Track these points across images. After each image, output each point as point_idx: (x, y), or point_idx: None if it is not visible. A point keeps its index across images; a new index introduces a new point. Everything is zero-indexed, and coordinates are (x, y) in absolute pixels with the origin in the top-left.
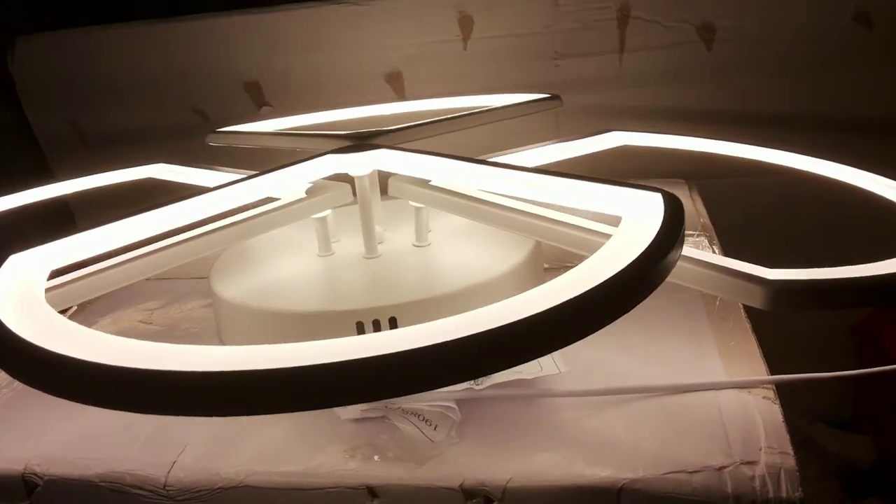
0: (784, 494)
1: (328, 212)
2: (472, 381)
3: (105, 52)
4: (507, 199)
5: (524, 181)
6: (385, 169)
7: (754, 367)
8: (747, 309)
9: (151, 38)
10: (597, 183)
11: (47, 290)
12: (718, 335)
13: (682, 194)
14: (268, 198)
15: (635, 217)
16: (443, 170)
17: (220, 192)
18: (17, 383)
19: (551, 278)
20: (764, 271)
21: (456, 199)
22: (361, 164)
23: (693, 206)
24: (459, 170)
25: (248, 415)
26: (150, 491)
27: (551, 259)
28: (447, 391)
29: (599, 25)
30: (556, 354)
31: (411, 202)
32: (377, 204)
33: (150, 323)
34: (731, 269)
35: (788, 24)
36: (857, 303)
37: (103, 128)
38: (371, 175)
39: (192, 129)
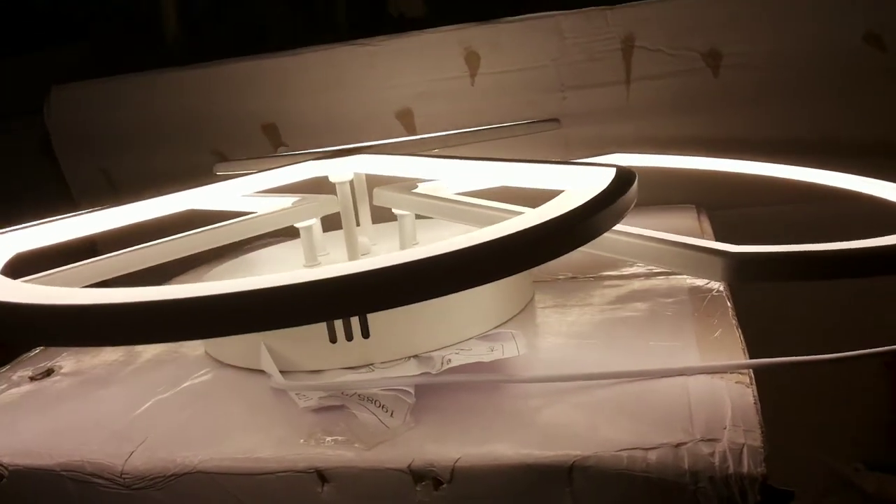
0: (745, 470)
1: (314, 221)
2: (428, 368)
3: (131, 99)
4: (489, 201)
5: (485, 170)
6: (365, 172)
7: (733, 356)
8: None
9: (173, 84)
10: (554, 164)
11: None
12: (700, 329)
13: (690, 217)
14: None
15: (579, 188)
16: (422, 170)
17: (197, 194)
18: None
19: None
20: (725, 246)
21: (438, 202)
22: (341, 168)
23: (699, 227)
24: (438, 168)
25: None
26: (108, 479)
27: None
28: (403, 377)
29: (605, 56)
30: (519, 337)
31: (394, 210)
32: (364, 213)
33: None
34: (690, 244)
35: (796, 48)
36: (818, 275)
37: (130, 172)
38: (354, 182)
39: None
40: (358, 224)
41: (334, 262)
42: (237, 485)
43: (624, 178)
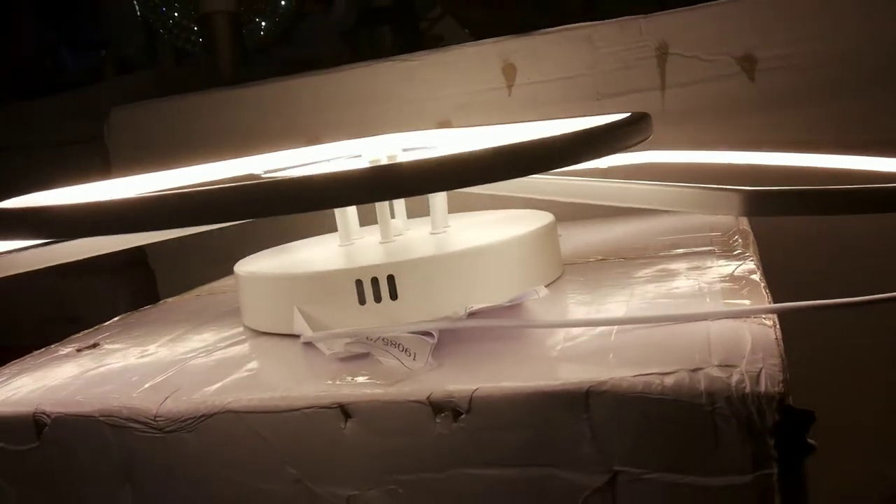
0: (763, 389)
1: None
2: (449, 313)
3: (184, 117)
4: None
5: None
6: (401, 151)
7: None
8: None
9: (224, 102)
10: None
11: None
12: (725, 286)
13: (728, 219)
14: None
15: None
16: (456, 146)
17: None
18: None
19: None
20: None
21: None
22: (375, 147)
23: (735, 220)
24: (474, 143)
25: None
26: (143, 423)
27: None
28: (425, 322)
29: (639, 64)
30: (542, 290)
31: None
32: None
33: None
34: (708, 186)
35: (832, 48)
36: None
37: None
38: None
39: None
40: (393, 216)
41: (367, 242)
42: (264, 423)
43: (640, 115)
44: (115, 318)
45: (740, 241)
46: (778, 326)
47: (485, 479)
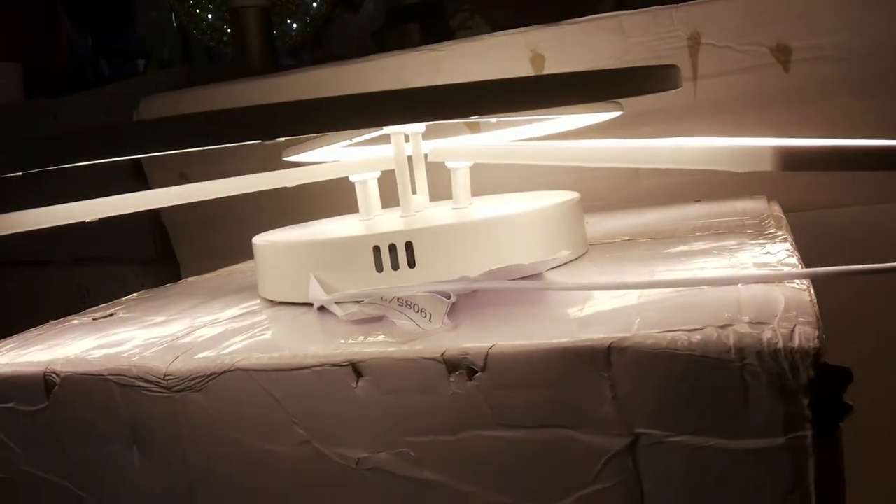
0: (796, 344)
1: (371, 175)
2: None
3: (211, 106)
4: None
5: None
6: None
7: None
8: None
9: (250, 92)
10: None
11: None
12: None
13: (760, 205)
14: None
15: None
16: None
17: None
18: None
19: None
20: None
21: (495, 148)
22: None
23: (767, 207)
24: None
25: None
26: (152, 382)
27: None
28: (442, 282)
29: (670, 54)
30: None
31: (448, 164)
32: (420, 178)
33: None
34: (738, 144)
35: (868, 38)
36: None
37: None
38: (409, 136)
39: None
40: (414, 192)
41: (387, 216)
42: (273, 381)
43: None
44: (134, 295)
45: (773, 223)
46: (812, 291)
47: (499, 441)
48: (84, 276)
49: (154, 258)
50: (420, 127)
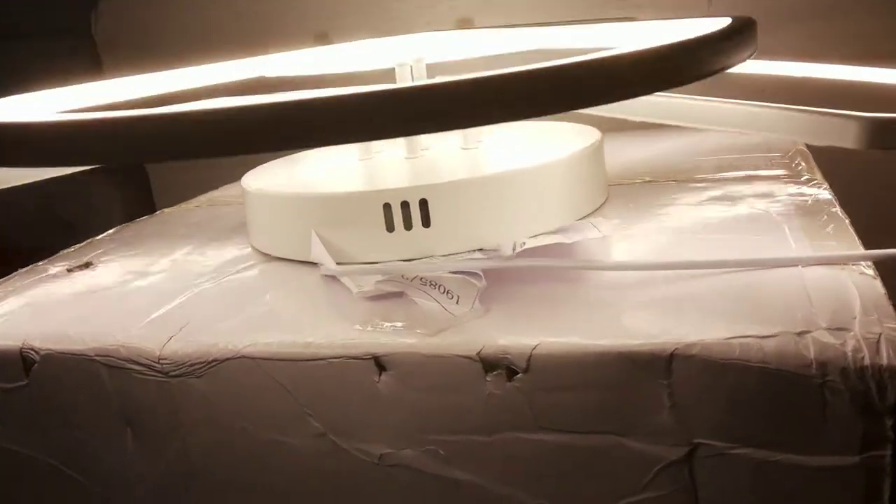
0: (885, 361)
1: None
2: (498, 249)
3: (180, 8)
4: None
5: (573, 35)
6: (429, 55)
7: (847, 244)
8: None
9: None
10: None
11: None
12: (809, 225)
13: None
14: None
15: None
16: (488, 46)
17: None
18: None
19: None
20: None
21: None
22: (401, 49)
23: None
24: (506, 41)
25: None
26: (145, 365)
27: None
28: (471, 260)
29: None
30: (601, 225)
31: None
32: None
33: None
34: (821, 111)
35: None
36: None
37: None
38: (414, 66)
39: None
40: None
41: (389, 155)
42: (284, 372)
43: (743, 20)
44: (110, 231)
45: (804, 164)
46: (878, 276)
47: (540, 445)
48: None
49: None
50: (426, 58)
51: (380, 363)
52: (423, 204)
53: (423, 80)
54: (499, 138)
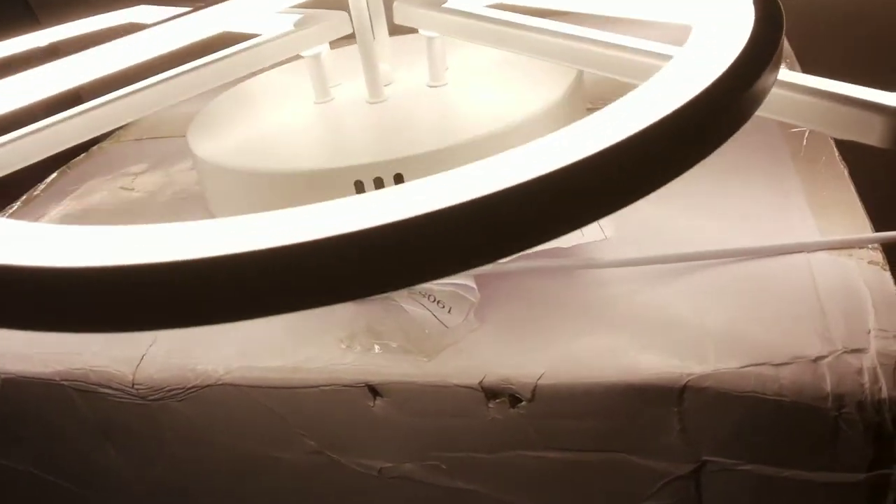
0: None
1: (323, 48)
2: None
3: None
4: (540, 20)
5: None
6: None
7: (856, 223)
8: (843, 154)
9: None
10: None
11: None
12: (808, 185)
13: None
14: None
15: (712, 26)
16: None
17: (174, 27)
18: None
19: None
20: (883, 96)
21: (477, 23)
22: None
23: None
24: None
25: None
26: (118, 390)
27: (595, 96)
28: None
29: None
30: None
31: (422, 31)
32: (382, 35)
33: (133, 189)
34: (834, 94)
35: None
36: None
37: None
38: None
39: None
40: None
41: (348, 95)
42: (272, 397)
43: (772, 9)
44: (48, 181)
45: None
46: (887, 264)
47: (545, 461)
48: None
49: None
50: None
51: (374, 389)
52: (399, 179)
53: None
54: (464, 70)
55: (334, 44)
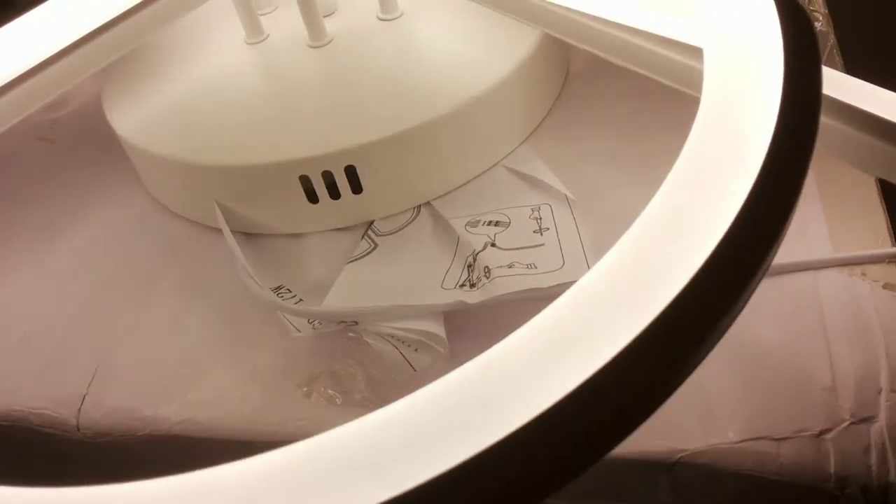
0: None
1: None
2: (465, 288)
3: None
4: None
5: None
6: None
7: (876, 237)
8: None
9: None
10: None
11: None
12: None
13: None
14: None
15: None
16: None
17: None
18: None
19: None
20: None
21: None
22: None
23: None
24: None
25: None
26: (64, 431)
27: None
28: (432, 304)
29: None
30: (587, 243)
31: None
32: None
33: (54, 141)
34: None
35: None
36: None
37: None
38: None
39: None
40: None
41: (285, 33)
42: (230, 448)
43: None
44: None
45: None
46: None
47: None
48: None
49: None
50: None
51: None
52: (351, 171)
53: None
54: (421, 13)
55: None
